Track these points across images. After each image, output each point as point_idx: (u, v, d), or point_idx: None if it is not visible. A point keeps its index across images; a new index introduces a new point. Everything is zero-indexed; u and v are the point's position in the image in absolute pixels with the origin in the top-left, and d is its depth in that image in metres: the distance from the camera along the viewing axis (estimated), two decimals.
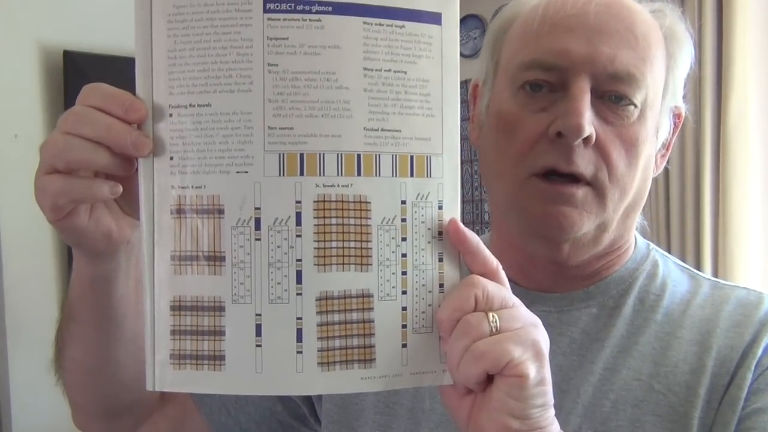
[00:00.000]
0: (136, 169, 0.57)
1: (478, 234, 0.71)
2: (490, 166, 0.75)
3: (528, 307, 0.76)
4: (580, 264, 0.75)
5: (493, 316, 0.55)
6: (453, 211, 0.58)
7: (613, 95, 0.69)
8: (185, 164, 0.56)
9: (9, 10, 2.47)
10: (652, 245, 0.82)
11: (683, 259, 0.90)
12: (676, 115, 0.77)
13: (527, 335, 0.55)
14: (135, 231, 0.62)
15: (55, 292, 2.56)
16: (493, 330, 0.54)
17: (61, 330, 0.72)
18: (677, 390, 0.69)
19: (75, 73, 2.50)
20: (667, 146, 0.78)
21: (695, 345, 0.71)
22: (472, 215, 3.30)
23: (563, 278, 0.76)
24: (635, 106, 0.69)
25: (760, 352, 0.69)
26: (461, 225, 0.58)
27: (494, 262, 0.58)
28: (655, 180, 2.50)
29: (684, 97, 0.78)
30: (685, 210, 2.21)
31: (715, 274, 2.15)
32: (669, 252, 1.89)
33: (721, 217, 2.13)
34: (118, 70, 2.99)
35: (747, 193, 2.11)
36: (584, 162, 0.68)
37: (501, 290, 0.57)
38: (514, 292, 0.78)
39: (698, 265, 2.16)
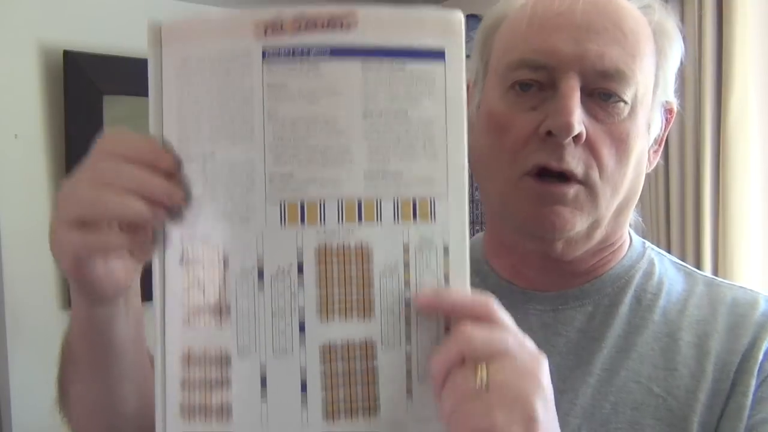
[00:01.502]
0: None
1: (473, 233, 0.71)
2: (481, 166, 0.75)
3: (523, 305, 0.76)
4: (573, 260, 0.75)
5: (481, 370, 0.52)
6: (460, 254, 0.56)
7: (603, 92, 0.68)
8: (191, 214, 0.56)
9: (9, 10, 2.47)
10: (648, 243, 0.82)
11: (683, 259, 0.90)
12: (668, 110, 0.77)
13: (519, 392, 0.52)
14: (137, 273, 0.61)
15: (55, 292, 2.56)
16: (482, 386, 0.52)
17: (63, 369, 0.72)
18: (677, 394, 0.69)
19: (75, 73, 2.50)
20: (659, 142, 0.78)
21: (693, 348, 0.71)
22: (473, 215, 3.29)
23: (557, 276, 0.76)
24: (625, 102, 0.69)
25: (760, 356, 0.69)
26: (431, 295, 0.55)
27: (483, 303, 0.55)
28: (655, 179, 2.49)
29: (675, 92, 0.77)
30: (685, 210, 2.21)
31: (715, 273, 2.15)
32: (669, 251, 1.88)
33: (721, 216, 2.13)
34: (118, 70, 3.01)
35: (747, 193, 2.11)
36: (575, 160, 0.68)
37: (492, 335, 0.54)
38: (509, 291, 0.78)
39: (698, 265, 2.16)
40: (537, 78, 0.69)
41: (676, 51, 0.75)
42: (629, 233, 0.82)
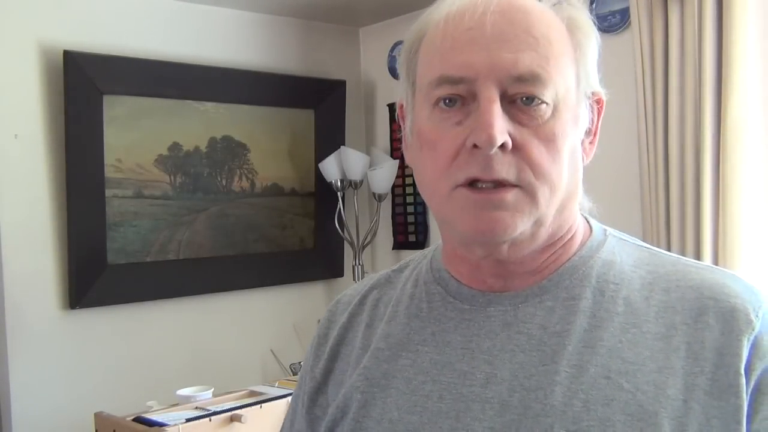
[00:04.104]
0: None
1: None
2: (421, 184, 0.78)
3: (484, 309, 0.77)
4: (524, 260, 0.76)
5: None
6: None
7: (523, 97, 0.70)
8: None
9: (9, 10, 2.47)
10: (610, 230, 0.82)
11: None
12: (597, 101, 0.78)
13: None
14: None
15: (55, 292, 2.56)
16: None
17: None
18: (645, 389, 0.69)
19: (75, 73, 2.50)
20: (593, 133, 0.79)
21: (660, 340, 0.71)
22: None
23: (512, 278, 0.77)
24: (546, 104, 0.71)
25: (744, 352, 0.69)
26: None
27: None
28: (655, 179, 2.47)
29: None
30: (685, 209, 2.21)
31: None
32: (669, 251, 1.87)
33: (721, 216, 2.13)
34: (118, 70, 3.03)
35: (747, 193, 2.11)
36: (505, 167, 0.70)
37: None
38: (470, 296, 0.79)
39: None
40: (458, 92, 0.71)
41: (593, 43, 0.76)
42: (588, 222, 0.82)
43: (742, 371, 0.68)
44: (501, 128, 0.69)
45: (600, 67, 0.78)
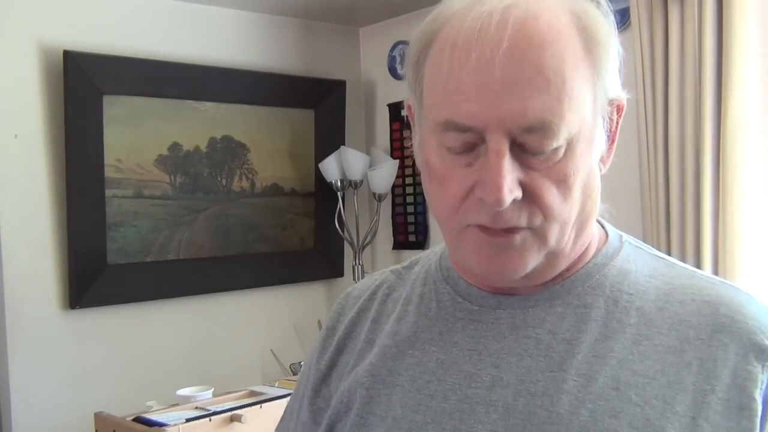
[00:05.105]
0: None
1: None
2: (432, 209, 0.76)
3: (493, 311, 0.76)
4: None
5: None
6: None
7: (531, 149, 0.67)
8: None
9: (9, 10, 2.47)
10: (626, 237, 0.81)
11: (683, 260, 0.89)
12: (617, 107, 0.74)
13: None
14: None
15: (55, 292, 2.56)
16: None
17: None
18: (654, 403, 0.68)
19: (75, 73, 2.50)
20: (612, 139, 0.75)
21: (672, 353, 0.70)
22: None
23: (525, 284, 0.76)
24: (559, 145, 0.68)
25: (759, 378, 0.67)
26: None
27: None
28: (655, 179, 2.46)
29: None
30: (685, 210, 2.21)
31: (715, 274, 2.14)
32: (669, 252, 1.87)
33: (721, 216, 2.13)
34: (118, 70, 3.03)
35: (747, 194, 2.11)
36: (515, 216, 0.68)
37: None
38: (479, 297, 0.78)
39: (698, 265, 2.16)
40: (466, 140, 0.68)
41: (612, 51, 0.71)
42: (604, 227, 0.81)
43: (757, 396, 0.67)
44: (510, 186, 0.66)
45: None
